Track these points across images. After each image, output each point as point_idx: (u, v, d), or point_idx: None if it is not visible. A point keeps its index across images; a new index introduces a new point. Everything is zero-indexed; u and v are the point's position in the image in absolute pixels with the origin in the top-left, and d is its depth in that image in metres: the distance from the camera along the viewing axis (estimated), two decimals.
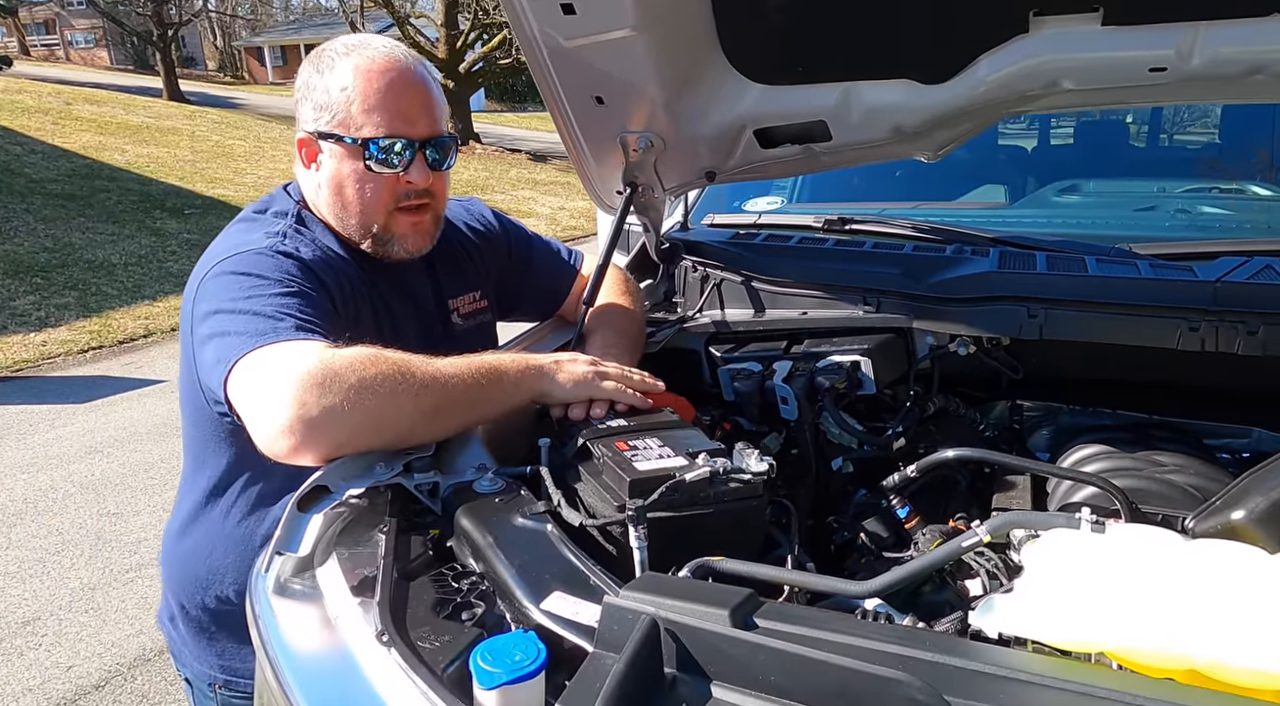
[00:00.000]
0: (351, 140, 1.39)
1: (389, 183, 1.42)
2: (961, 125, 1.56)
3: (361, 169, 1.40)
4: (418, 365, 1.21)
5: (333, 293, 1.36)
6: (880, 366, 1.64)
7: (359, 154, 1.39)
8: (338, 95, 1.39)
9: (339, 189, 1.43)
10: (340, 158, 1.41)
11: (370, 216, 1.44)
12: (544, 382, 1.37)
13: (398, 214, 1.45)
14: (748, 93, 1.59)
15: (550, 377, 1.37)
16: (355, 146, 1.39)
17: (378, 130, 1.38)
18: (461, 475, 1.24)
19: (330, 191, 1.44)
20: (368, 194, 1.42)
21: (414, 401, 1.17)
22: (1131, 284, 1.50)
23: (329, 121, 1.40)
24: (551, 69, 1.57)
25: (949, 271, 1.64)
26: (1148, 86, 1.40)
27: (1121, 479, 1.38)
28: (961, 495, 1.62)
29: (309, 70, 1.43)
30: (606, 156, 1.76)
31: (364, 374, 1.14)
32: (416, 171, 1.43)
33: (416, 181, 1.44)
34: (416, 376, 1.19)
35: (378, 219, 1.44)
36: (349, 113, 1.38)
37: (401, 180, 1.43)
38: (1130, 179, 2.52)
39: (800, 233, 1.98)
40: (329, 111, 1.39)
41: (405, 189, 1.44)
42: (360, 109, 1.38)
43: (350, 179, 1.41)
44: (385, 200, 1.43)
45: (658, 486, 1.14)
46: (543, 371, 1.37)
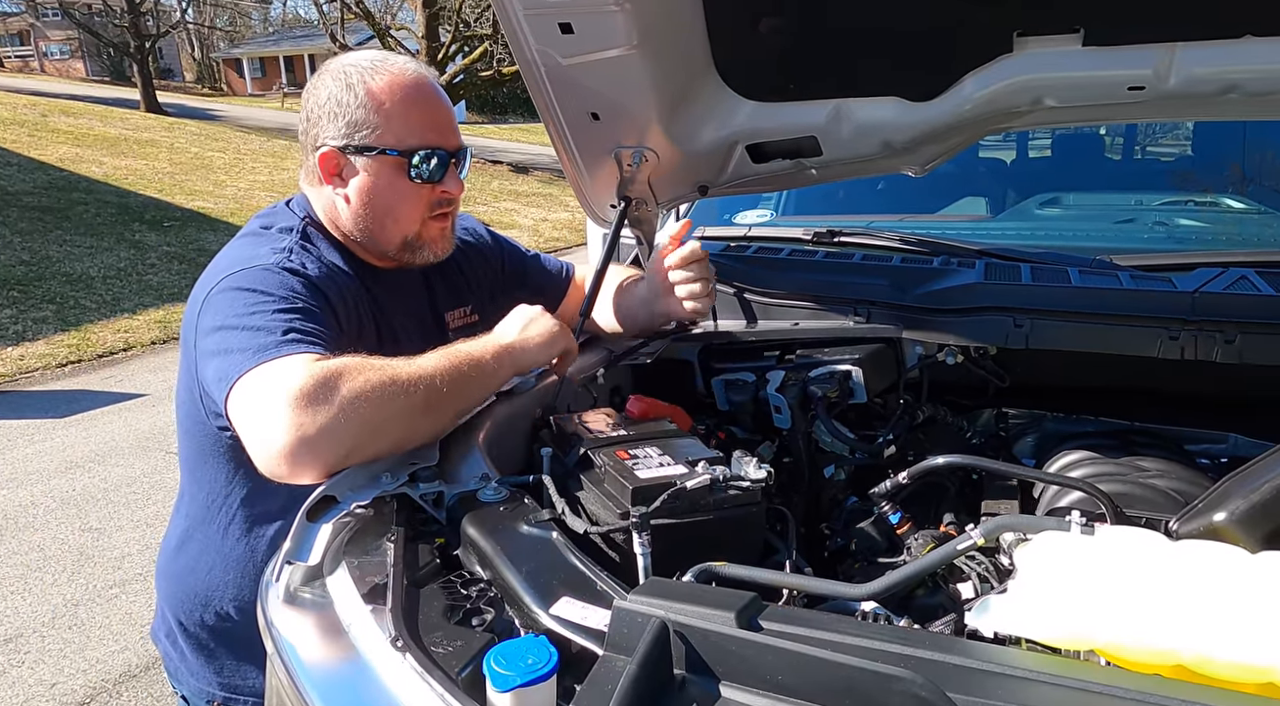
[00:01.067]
0: (395, 152, 1.43)
1: (426, 193, 1.47)
2: (948, 141, 1.61)
3: (403, 180, 1.44)
4: (401, 366, 1.23)
5: (337, 309, 1.38)
6: (871, 376, 1.68)
7: (402, 166, 1.43)
8: (376, 109, 1.41)
9: (373, 201, 1.45)
10: (377, 171, 1.44)
11: (405, 226, 1.48)
12: (519, 355, 1.41)
13: (429, 221, 1.51)
14: (740, 109, 1.63)
15: (521, 349, 1.41)
16: (398, 158, 1.43)
17: (420, 142, 1.43)
18: (465, 485, 1.26)
19: (362, 204, 1.46)
20: (407, 204, 1.46)
21: (406, 401, 1.20)
22: (1113, 294, 1.55)
23: (367, 135, 1.42)
24: (549, 86, 1.60)
25: (937, 283, 1.69)
26: (1127, 104, 1.45)
27: (1106, 483, 1.42)
28: (951, 500, 1.65)
29: (333, 86, 1.43)
30: (601, 171, 1.79)
31: (354, 383, 1.16)
32: (452, 181, 1.49)
33: (452, 191, 1.50)
34: (403, 377, 1.21)
35: (412, 227, 1.49)
36: (389, 126, 1.42)
37: (437, 190, 1.48)
38: (1108, 192, 2.59)
39: (790, 245, 2.02)
40: (366, 126, 1.42)
41: (440, 198, 1.49)
42: (401, 122, 1.42)
43: (388, 191, 1.45)
44: (422, 210, 1.48)
45: (659, 494, 1.17)
46: (514, 346, 1.41)
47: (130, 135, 17.33)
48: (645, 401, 1.52)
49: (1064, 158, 3.35)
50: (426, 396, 1.23)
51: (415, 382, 1.23)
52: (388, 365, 1.23)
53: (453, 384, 1.28)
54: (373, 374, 1.20)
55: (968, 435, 1.87)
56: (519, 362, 1.42)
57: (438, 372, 1.27)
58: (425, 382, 1.24)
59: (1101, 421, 1.84)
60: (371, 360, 1.23)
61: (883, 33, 1.49)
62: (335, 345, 1.29)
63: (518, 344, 1.42)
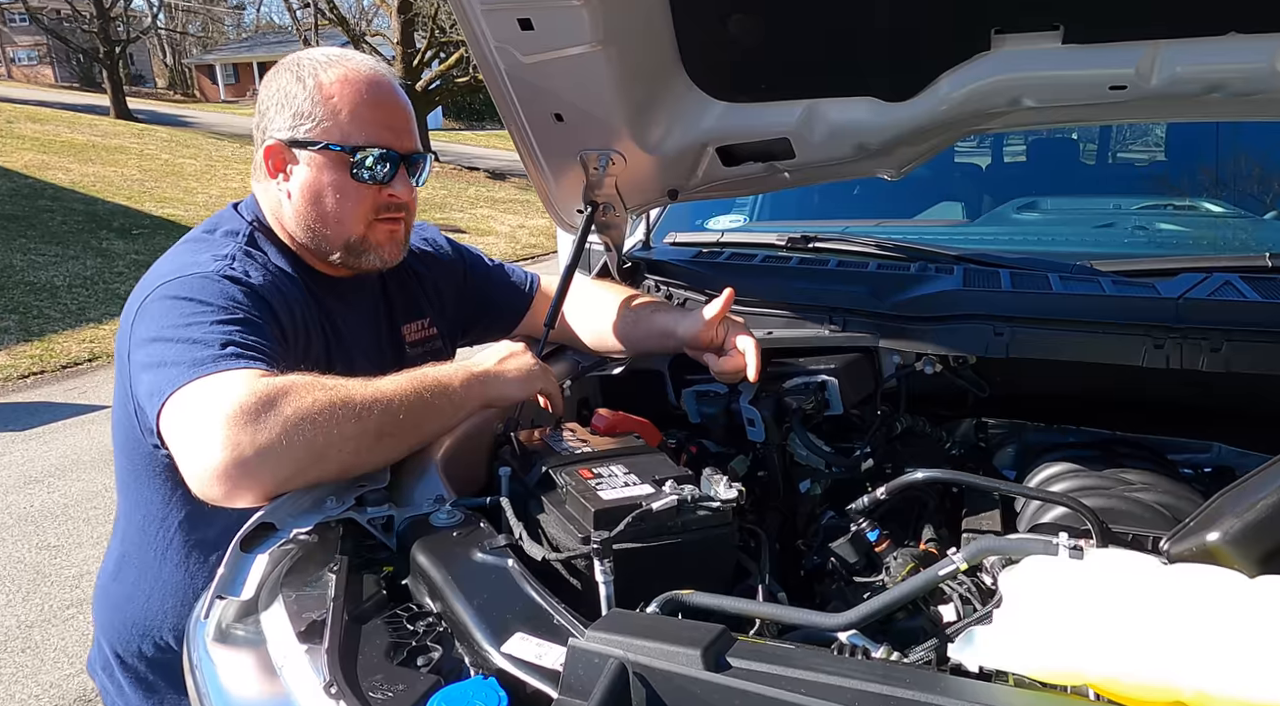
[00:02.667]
0: (339, 147, 1.35)
1: (371, 194, 1.39)
2: (924, 142, 1.55)
3: (345, 178, 1.37)
4: (357, 388, 1.16)
5: (281, 319, 1.30)
6: (847, 386, 1.62)
7: (344, 163, 1.36)
8: (323, 103, 1.35)
9: (315, 198, 1.38)
10: (321, 166, 1.37)
11: (349, 227, 1.40)
12: (492, 386, 1.34)
13: (376, 223, 1.43)
14: (710, 110, 1.57)
15: (497, 379, 1.34)
16: (341, 154, 1.36)
17: (367, 140, 1.36)
18: (418, 508, 1.18)
19: (304, 201, 1.38)
20: (349, 204, 1.38)
21: (357, 426, 1.12)
22: (1096, 301, 1.50)
23: (311, 128, 1.35)
24: (509, 86, 1.53)
25: (914, 290, 1.63)
26: (1108, 104, 1.40)
27: (1091, 498, 1.37)
28: (930, 515, 1.60)
29: (287, 77, 1.38)
30: (566, 174, 1.72)
31: (301, 403, 1.08)
32: (401, 185, 1.41)
33: (401, 195, 1.42)
34: (357, 400, 1.13)
35: (357, 229, 1.41)
36: (335, 120, 1.35)
37: (384, 193, 1.40)
38: (1086, 196, 2.55)
39: (764, 251, 1.96)
40: (311, 118, 1.35)
41: (387, 201, 1.42)
42: (349, 118, 1.35)
43: (331, 188, 1.37)
44: (365, 211, 1.40)
45: (623, 516, 1.10)
46: (488, 375, 1.34)
47: (99, 141, 17.05)
48: (612, 415, 1.45)
49: (1040, 162, 3.32)
50: (381, 422, 1.15)
51: (369, 406, 1.15)
52: (341, 386, 1.15)
53: (412, 411, 1.21)
54: (322, 394, 1.12)
55: (947, 446, 1.82)
56: (490, 394, 1.35)
57: (397, 397, 1.19)
58: (381, 407, 1.16)
59: (1083, 431, 1.79)
60: (323, 379, 1.15)
61: (856, 30, 1.44)
62: (280, 359, 1.21)
63: (492, 373, 1.35)
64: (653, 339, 1.66)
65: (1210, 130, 2.51)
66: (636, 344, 1.70)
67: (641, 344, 1.69)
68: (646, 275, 1.91)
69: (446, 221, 13.94)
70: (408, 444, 1.22)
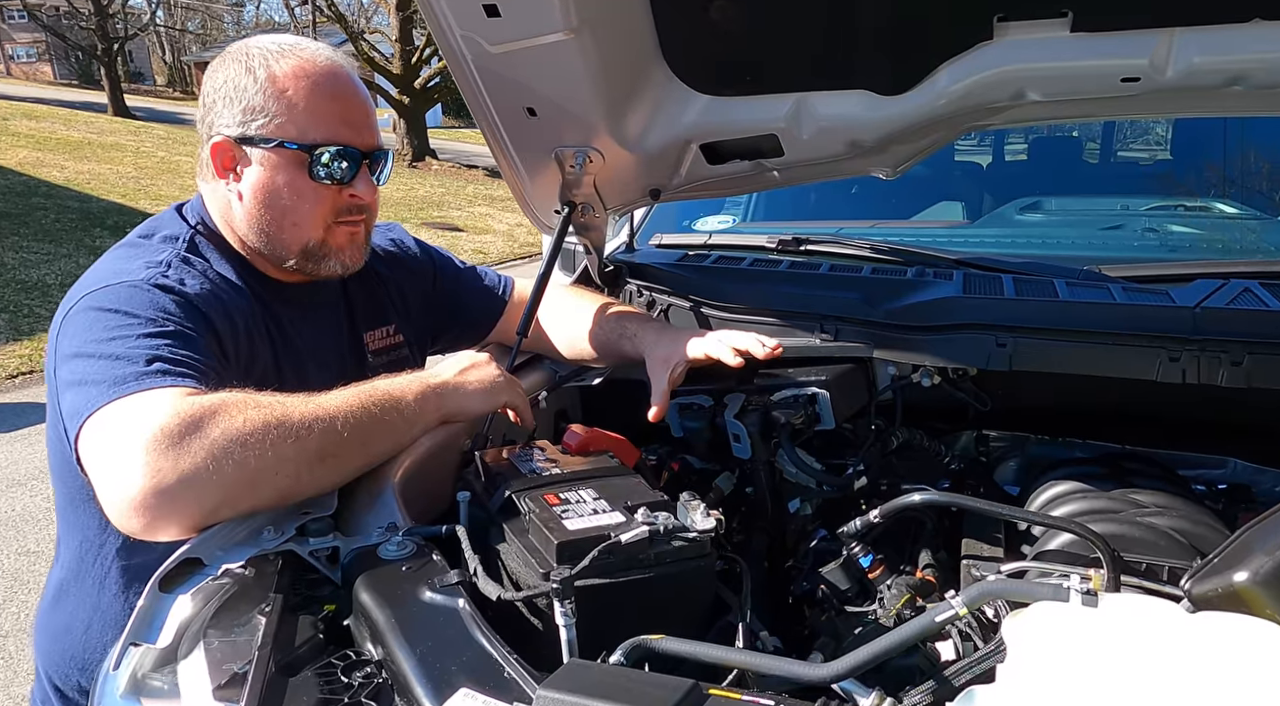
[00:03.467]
0: (295, 145, 1.25)
1: (331, 195, 1.29)
2: (922, 139, 1.45)
3: (302, 178, 1.27)
4: (296, 405, 1.06)
5: (220, 330, 1.20)
6: (839, 400, 1.52)
7: (301, 162, 1.26)
8: (277, 96, 1.25)
9: (269, 200, 1.28)
10: (275, 166, 1.27)
11: (306, 231, 1.30)
12: (450, 399, 1.24)
13: (336, 226, 1.33)
14: (692, 104, 1.47)
15: (455, 392, 1.24)
16: (298, 152, 1.26)
17: (326, 136, 1.26)
18: (367, 537, 1.08)
19: (257, 203, 1.28)
20: (307, 206, 1.28)
21: (294, 447, 1.02)
22: (1105, 310, 1.39)
23: (264, 124, 1.25)
24: (477, 78, 1.43)
25: (911, 296, 1.53)
26: (1120, 98, 1.30)
27: (1101, 523, 1.27)
28: (929, 537, 1.50)
29: (235, 68, 1.28)
30: (542, 173, 1.62)
31: (230, 424, 0.98)
32: (362, 185, 1.32)
33: (362, 196, 1.32)
34: (294, 418, 1.03)
35: (315, 233, 1.31)
36: (291, 115, 1.25)
37: (344, 193, 1.31)
38: (1092, 196, 2.44)
39: (753, 254, 1.86)
40: (264, 113, 1.25)
41: (348, 203, 1.32)
42: (306, 112, 1.25)
43: (287, 189, 1.27)
44: (325, 214, 1.30)
45: (589, 549, 1.00)
46: (447, 387, 1.24)
47: (95, 139, 16.95)
48: (585, 432, 1.35)
49: (1042, 162, 3.21)
50: (322, 442, 1.05)
51: (308, 425, 1.05)
52: (278, 403, 1.06)
53: (358, 428, 1.11)
54: (255, 413, 1.02)
55: (946, 460, 1.72)
56: (448, 408, 1.25)
57: (341, 414, 1.09)
58: (322, 425, 1.06)
59: (1090, 445, 1.69)
60: (258, 396, 1.05)
61: (848, 19, 1.33)
62: (214, 374, 1.12)
63: (451, 385, 1.26)
64: (626, 353, 1.56)
65: (1217, 126, 2.41)
66: (611, 355, 1.60)
67: (615, 356, 1.59)
68: (628, 280, 1.81)
69: (444, 219, 13.86)
70: (354, 465, 1.12)
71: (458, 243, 12.36)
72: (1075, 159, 3.30)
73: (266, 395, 1.06)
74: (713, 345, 1.42)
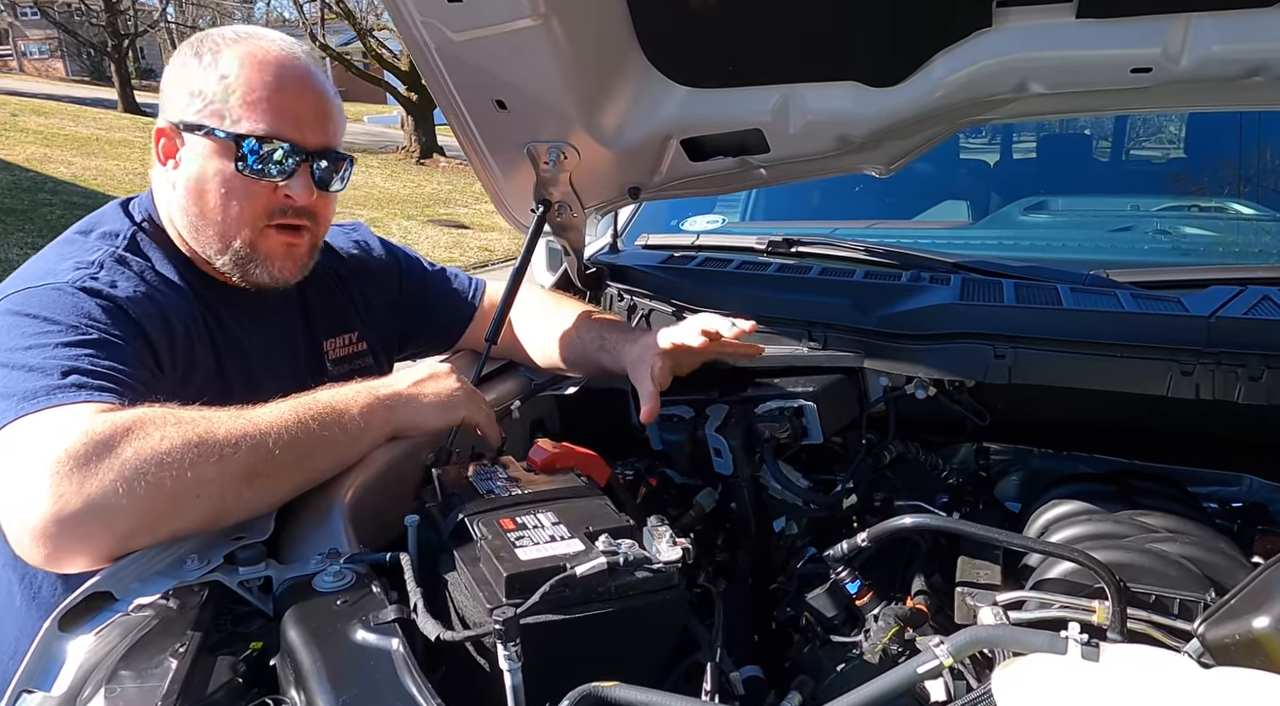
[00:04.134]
0: (223, 134, 1.17)
1: (262, 192, 1.21)
2: (917, 135, 1.36)
3: (230, 171, 1.18)
4: (222, 420, 0.97)
5: (153, 338, 1.12)
6: (827, 412, 1.42)
7: (229, 152, 1.18)
8: (215, 83, 1.18)
9: (198, 192, 1.20)
10: (206, 155, 1.19)
11: (231, 229, 1.22)
12: (401, 412, 1.14)
13: (269, 231, 1.24)
14: (671, 96, 1.38)
15: (408, 404, 1.15)
16: (226, 142, 1.17)
17: (256, 127, 1.18)
18: (304, 564, 1.00)
19: (187, 195, 1.21)
20: (234, 202, 1.20)
21: (218, 467, 0.93)
22: (1112, 319, 1.29)
23: (199, 110, 1.18)
24: (442, 68, 1.34)
25: (905, 302, 1.43)
26: (1129, 91, 1.20)
27: (1106, 550, 1.17)
28: (922, 560, 1.40)
29: (186, 53, 1.22)
30: (515, 169, 1.53)
31: (145, 443, 0.90)
32: (299, 185, 1.22)
33: (297, 197, 1.22)
34: (219, 435, 0.95)
35: (240, 232, 1.22)
36: (225, 103, 1.17)
37: (279, 192, 1.22)
38: (1101, 196, 2.33)
39: (741, 256, 1.77)
40: (201, 99, 1.18)
41: (282, 204, 1.23)
42: (240, 101, 1.17)
43: (214, 181, 1.19)
44: (253, 212, 1.22)
45: (542, 581, 0.91)
46: (398, 399, 1.15)
47: (103, 135, 16.95)
48: (554, 448, 1.25)
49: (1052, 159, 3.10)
50: (250, 460, 0.97)
51: (235, 442, 0.96)
52: (202, 418, 0.97)
53: (294, 445, 1.02)
54: (174, 430, 0.94)
55: (943, 474, 1.62)
56: (399, 422, 1.16)
57: (273, 429, 1.01)
58: (251, 442, 0.98)
59: (1095, 459, 1.60)
60: (181, 412, 0.97)
61: (837, 4, 1.24)
62: (144, 387, 1.04)
63: (404, 396, 1.16)
64: (604, 366, 1.47)
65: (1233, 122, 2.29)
66: (588, 367, 1.51)
67: (593, 368, 1.50)
68: (609, 283, 1.72)
69: (451, 217, 13.79)
70: (289, 485, 1.03)
71: (463, 240, 12.29)
72: (1085, 157, 3.19)
73: (192, 410, 0.98)
74: (681, 332, 1.33)
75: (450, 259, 11.23)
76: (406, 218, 13.39)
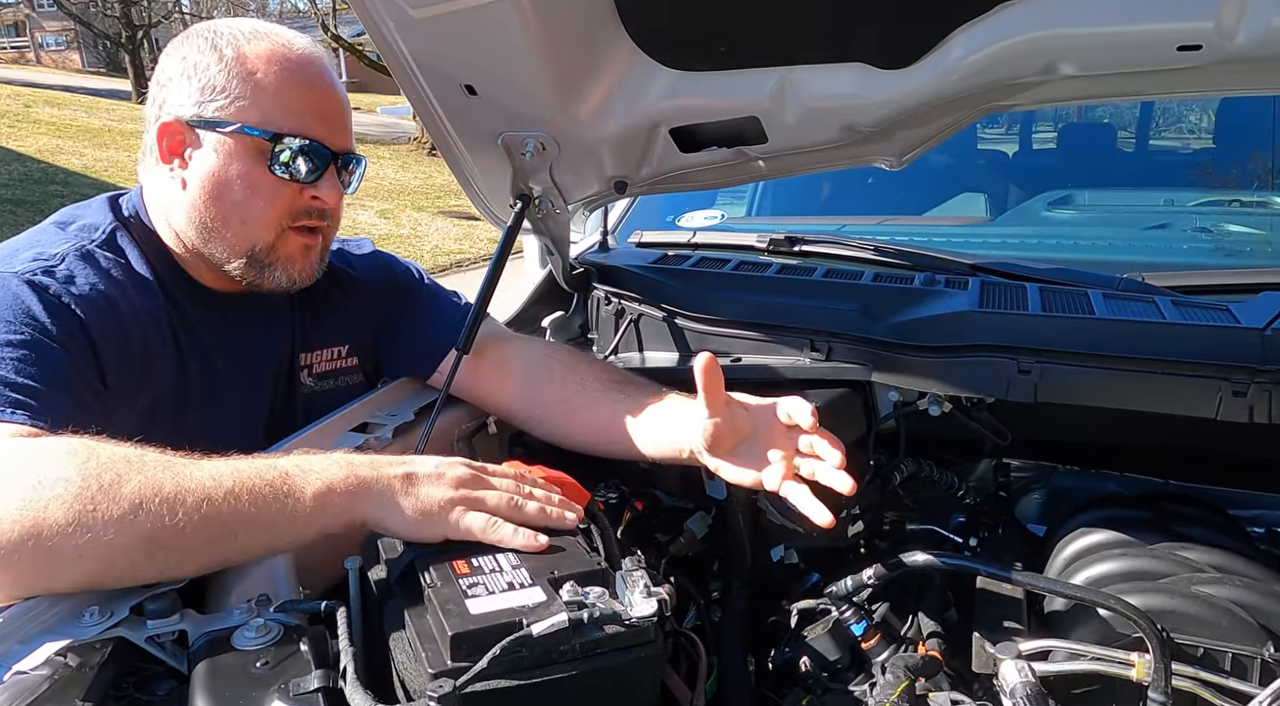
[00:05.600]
0: (257, 132, 1.11)
1: (289, 193, 1.15)
2: (931, 123, 1.22)
3: (259, 171, 1.13)
4: (138, 473, 0.83)
5: (98, 340, 1.03)
6: (832, 430, 1.28)
7: (262, 151, 1.13)
8: (244, 77, 1.11)
9: (219, 192, 1.13)
10: (230, 153, 1.12)
11: (256, 232, 1.15)
12: (368, 506, 0.93)
13: (291, 233, 1.18)
14: (657, 80, 1.24)
15: (381, 500, 0.93)
16: (259, 140, 1.12)
17: (294, 127, 1.14)
18: (226, 616, 0.87)
19: (204, 194, 1.13)
20: (260, 202, 1.14)
21: (115, 530, 0.80)
22: (1153, 331, 1.15)
23: (224, 106, 1.11)
24: (403, 49, 1.21)
25: (918, 309, 1.29)
26: (1174, 72, 1.06)
27: (1145, 595, 1.04)
28: (936, 595, 1.27)
29: (198, 44, 1.14)
30: (491, 161, 1.40)
31: (31, 486, 0.78)
32: (327, 186, 1.17)
33: (327, 199, 1.17)
34: (125, 492, 0.81)
35: (265, 235, 1.16)
36: (256, 99, 1.12)
37: (305, 194, 1.16)
38: (1130, 189, 2.16)
39: (740, 255, 1.63)
40: (226, 94, 1.11)
41: (308, 205, 1.17)
42: (274, 97, 1.13)
43: (240, 181, 1.13)
44: (280, 214, 1.16)
45: (494, 640, 0.78)
46: (371, 490, 0.93)
47: (115, 126, 16.94)
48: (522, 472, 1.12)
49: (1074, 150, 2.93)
50: (154, 530, 0.81)
51: (140, 504, 0.81)
52: (114, 465, 0.83)
53: (212, 520, 0.84)
54: (77, 471, 0.81)
55: (959, 493, 1.49)
56: (361, 515, 0.93)
57: (194, 496, 0.84)
58: (161, 508, 0.82)
59: (1126, 478, 1.46)
60: (100, 451, 0.84)
61: None
62: (74, 403, 0.95)
63: (380, 490, 0.93)
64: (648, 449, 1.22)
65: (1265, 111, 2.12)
66: (617, 451, 1.27)
67: (627, 453, 1.25)
68: (596, 285, 1.59)
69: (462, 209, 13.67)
70: (199, 564, 0.86)
71: (474, 231, 12.19)
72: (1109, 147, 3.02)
73: (114, 447, 0.85)
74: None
75: (460, 250, 11.13)
76: (417, 209, 13.32)
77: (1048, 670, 1.01)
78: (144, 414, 1.11)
